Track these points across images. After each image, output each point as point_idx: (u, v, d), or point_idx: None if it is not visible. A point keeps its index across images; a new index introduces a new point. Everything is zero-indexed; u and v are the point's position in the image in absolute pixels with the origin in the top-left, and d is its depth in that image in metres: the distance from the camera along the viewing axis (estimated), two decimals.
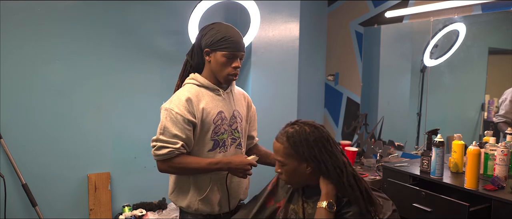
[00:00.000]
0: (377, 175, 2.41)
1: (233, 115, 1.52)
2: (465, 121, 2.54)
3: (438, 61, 2.60)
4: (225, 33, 1.42)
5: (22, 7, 2.11)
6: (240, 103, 1.58)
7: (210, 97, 1.47)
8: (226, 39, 1.41)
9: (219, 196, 1.50)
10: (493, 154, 1.88)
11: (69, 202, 2.33)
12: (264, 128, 1.88)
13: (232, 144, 1.53)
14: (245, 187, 1.61)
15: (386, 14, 2.77)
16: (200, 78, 1.48)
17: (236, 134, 1.53)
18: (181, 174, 1.48)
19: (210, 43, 1.43)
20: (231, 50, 1.41)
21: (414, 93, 2.77)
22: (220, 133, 1.47)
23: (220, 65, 1.43)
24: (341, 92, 3.31)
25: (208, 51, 1.44)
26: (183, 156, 1.42)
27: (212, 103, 1.46)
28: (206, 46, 1.44)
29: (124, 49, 2.42)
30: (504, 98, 2.23)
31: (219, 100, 1.48)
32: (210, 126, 1.45)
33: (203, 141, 1.46)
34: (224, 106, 1.49)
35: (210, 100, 1.46)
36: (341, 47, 3.29)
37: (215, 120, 1.45)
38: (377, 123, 2.94)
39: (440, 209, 1.72)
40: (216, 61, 1.43)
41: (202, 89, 1.47)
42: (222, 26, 1.45)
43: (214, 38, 1.42)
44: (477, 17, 2.34)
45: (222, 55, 1.42)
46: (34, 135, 2.20)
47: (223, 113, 1.48)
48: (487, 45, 2.43)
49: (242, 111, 1.58)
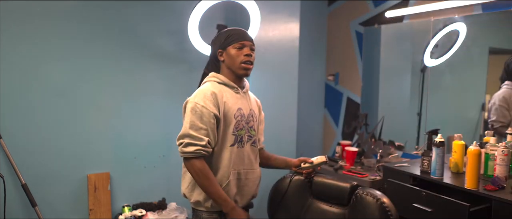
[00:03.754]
0: (377, 175, 2.41)
1: (249, 113, 1.61)
2: (465, 121, 2.54)
3: (439, 61, 2.60)
4: (229, 32, 1.58)
5: (22, 7, 2.11)
6: (254, 106, 1.68)
7: (230, 94, 1.56)
8: (231, 34, 1.56)
9: (235, 191, 1.57)
10: (494, 154, 1.87)
11: (69, 202, 2.32)
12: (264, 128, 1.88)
13: (248, 141, 1.60)
14: (257, 184, 1.68)
15: (386, 14, 2.76)
16: (220, 76, 1.58)
17: (252, 132, 1.62)
18: (196, 178, 1.51)
19: (219, 45, 1.57)
20: (238, 41, 1.54)
21: (414, 93, 2.76)
22: (239, 128, 1.55)
23: (233, 57, 1.54)
24: (341, 92, 3.30)
25: (221, 52, 1.58)
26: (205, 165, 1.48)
27: (232, 100, 1.55)
28: (217, 49, 1.58)
29: (124, 49, 2.41)
30: (493, 103, 2.24)
31: (238, 98, 1.58)
32: (232, 120, 1.53)
33: (225, 135, 1.53)
34: (242, 104, 1.59)
35: (230, 97, 1.55)
36: (341, 47, 3.29)
37: (235, 115, 1.54)
38: (377, 123, 2.93)
39: (440, 209, 1.72)
40: (228, 56, 1.56)
41: (223, 86, 1.56)
42: (227, 29, 1.60)
43: (221, 39, 1.58)
44: (477, 17, 2.34)
45: (232, 48, 1.55)
46: (34, 135, 2.20)
47: (242, 109, 1.57)
48: (488, 45, 2.43)
49: (257, 113, 1.68)
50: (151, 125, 2.55)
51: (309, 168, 1.66)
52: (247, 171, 1.59)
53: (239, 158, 1.56)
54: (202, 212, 1.56)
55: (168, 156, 2.63)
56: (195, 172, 1.48)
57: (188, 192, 1.58)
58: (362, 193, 1.52)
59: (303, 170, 1.67)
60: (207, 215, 1.55)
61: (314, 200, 1.68)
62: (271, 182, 1.82)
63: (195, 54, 2.46)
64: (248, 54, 1.55)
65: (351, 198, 1.56)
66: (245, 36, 1.58)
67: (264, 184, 2.03)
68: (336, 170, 2.57)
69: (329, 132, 3.42)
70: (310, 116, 3.35)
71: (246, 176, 1.59)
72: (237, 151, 1.55)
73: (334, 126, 3.38)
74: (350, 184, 1.60)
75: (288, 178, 1.74)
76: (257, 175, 1.65)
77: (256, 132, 1.64)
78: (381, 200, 1.45)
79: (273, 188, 1.78)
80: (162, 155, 2.60)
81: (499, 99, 2.21)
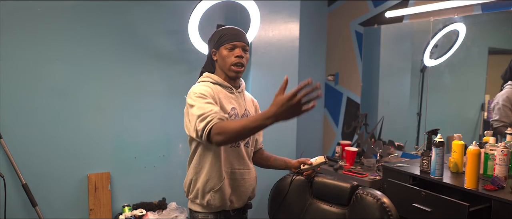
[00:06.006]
0: (377, 175, 2.41)
1: (244, 113, 1.59)
2: (465, 121, 2.54)
3: (438, 61, 2.60)
4: (223, 31, 1.55)
5: (22, 7, 2.11)
6: (249, 105, 1.67)
7: (224, 94, 1.55)
8: (224, 34, 1.53)
9: (229, 191, 1.55)
10: (493, 154, 1.88)
11: (69, 202, 2.33)
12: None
13: (242, 140, 1.58)
14: (253, 186, 1.66)
15: (386, 14, 2.77)
16: (214, 76, 1.57)
17: None
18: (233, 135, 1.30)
19: (213, 44, 1.56)
20: (230, 41, 1.51)
21: (414, 93, 2.77)
22: None
23: (224, 58, 1.53)
24: (341, 92, 3.31)
25: (214, 51, 1.57)
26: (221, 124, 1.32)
27: (226, 100, 1.54)
28: (211, 49, 1.58)
29: (124, 49, 2.42)
30: (496, 103, 2.24)
31: (232, 98, 1.57)
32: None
33: None
34: (236, 103, 1.57)
35: (223, 97, 1.54)
36: (341, 47, 3.29)
37: (229, 114, 1.52)
38: (377, 123, 2.94)
39: (440, 209, 1.72)
40: (220, 57, 1.54)
41: (216, 86, 1.55)
42: (222, 29, 1.58)
43: (215, 39, 1.56)
44: (477, 17, 2.34)
45: (224, 49, 1.52)
46: (34, 135, 2.20)
47: (236, 109, 1.55)
48: (487, 45, 2.43)
49: (252, 112, 1.66)
50: (151, 125, 2.56)
51: (308, 169, 1.66)
52: (242, 171, 1.58)
53: (233, 157, 1.55)
54: (198, 213, 1.56)
55: (168, 156, 2.63)
56: (222, 140, 1.31)
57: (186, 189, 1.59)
58: (362, 193, 1.52)
59: (302, 171, 1.67)
60: (203, 216, 1.54)
61: (314, 200, 1.69)
62: (271, 182, 1.82)
63: (195, 54, 2.46)
64: (239, 55, 1.51)
65: (352, 198, 1.56)
66: (238, 37, 1.53)
67: (264, 184, 2.03)
68: (336, 170, 2.57)
69: (329, 132, 3.42)
70: (310, 116, 3.36)
71: (241, 176, 1.58)
72: (231, 150, 1.54)
73: (334, 126, 3.38)
74: (350, 184, 1.60)
75: (289, 178, 1.74)
76: (252, 176, 1.64)
77: None
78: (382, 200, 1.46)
79: (273, 188, 1.78)
80: (162, 155, 2.61)
81: (503, 99, 2.20)
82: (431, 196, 1.76)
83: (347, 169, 2.58)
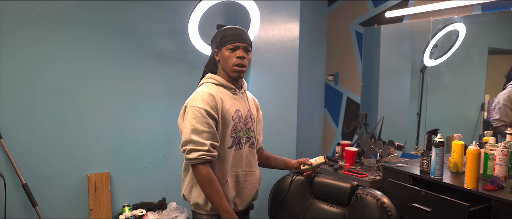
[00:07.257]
0: (377, 175, 2.42)
1: (247, 114, 1.60)
2: (465, 121, 2.54)
3: (438, 61, 2.60)
4: (225, 32, 1.56)
5: (22, 7, 2.11)
6: (252, 106, 1.67)
7: (228, 95, 1.55)
8: (226, 35, 1.54)
9: (233, 194, 1.55)
10: (493, 154, 1.88)
11: (69, 202, 2.33)
12: (264, 128, 1.88)
13: (246, 142, 1.59)
14: (257, 188, 1.66)
15: (386, 14, 2.77)
16: (217, 77, 1.57)
17: (251, 133, 1.60)
18: (201, 185, 1.48)
19: (216, 45, 1.57)
20: (232, 42, 1.52)
21: (414, 93, 2.77)
22: (237, 130, 1.54)
23: (226, 59, 1.53)
24: (341, 92, 3.31)
25: (217, 52, 1.57)
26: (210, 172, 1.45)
27: (230, 101, 1.54)
28: (213, 49, 1.59)
29: (124, 49, 2.42)
30: (497, 102, 2.24)
31: (235, 99, 1.57)
32: (230, 122, 1.51)
33: (223, 137, 1.51)
34: (240, 105, 1.57)
35: (227, 98, 1.54)
36: (341, 47, 3.29)
37: (233, 117, 1.52)
38: (377, 123, 2.94)
39: (440, 209, 1.72)
40: (222, 57, 1.54)
41: (220, 88, 1.55)
42: (224, 29, 1.58)
43: (217, 39, 1.57)
44: (477, 17, 2.34)
45: (226, 49, 1.53)
46: (34, 135, 2.20)
47: (240, 111, 1.56)
48: (487, 45, 2.43)
49: (254, 113, 1.67)
50: (151, 125, 2.56)
51: (308, 169, 1.66)
52: (245, 173, 1.58)
53: (237, 160, 1.55)
54: (201, 214, 1.55)
55: (168, 156, 2.63)
56: (200, 179, 1.45)
57: (187, 194, 1.58)
58: (362, 193, 1.52)
59: (302, 171, 1.67)
60: (207, 217, 1.54)
61: (314, 200, 1.69)
62: (271, 182, 1.82)
63: (195, 54, 2.46)
64: (240, 56, 1.52)
65: (351, 198, 1.56)
66: (240, 37, 1.54)
67: (264, 184, 2.03)
68: (336, 170, 2.57)
69: (329, 132, 3.42)
70: (310, 116, 3.36)
71: (245, 178, 1.58)
72: (235, 153, 1.54)
73: (334, 126, 3.38)
74: (350, 184, 1.60)
75: (289, 178, 1.74)
76: (256, 177, 1.64)
77: (254, 133, 1.63)
78: (382, 200, 1.46)
79: (273, 188, 1.79)
80: (162, 155, 2.61)
81: (504, 98, 2.21)
82: (431, 196, 1.76)
83: (347, 169, 2.58)
